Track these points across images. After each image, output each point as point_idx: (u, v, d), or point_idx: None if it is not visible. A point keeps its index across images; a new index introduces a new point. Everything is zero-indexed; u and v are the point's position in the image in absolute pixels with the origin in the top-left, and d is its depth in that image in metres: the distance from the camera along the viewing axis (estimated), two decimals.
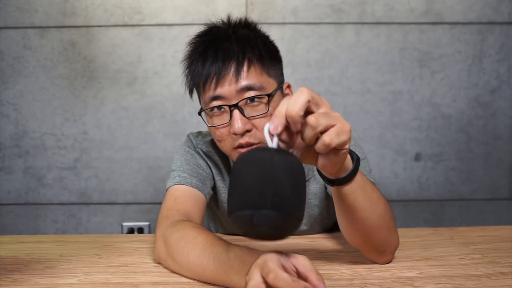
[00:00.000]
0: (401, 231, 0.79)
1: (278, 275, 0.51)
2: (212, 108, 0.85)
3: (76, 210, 1.79)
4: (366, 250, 0.76)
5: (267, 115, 0.84)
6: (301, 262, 0.54)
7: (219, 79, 0.83)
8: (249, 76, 0.83)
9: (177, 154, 1.00)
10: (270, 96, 0.85)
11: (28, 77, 1.74)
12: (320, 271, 0.73)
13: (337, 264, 0.78)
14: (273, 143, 0.51)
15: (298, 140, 0.56)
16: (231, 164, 1.00)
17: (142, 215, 1.79)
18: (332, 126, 0.54)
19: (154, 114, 1.76)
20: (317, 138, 0.54)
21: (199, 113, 0.89)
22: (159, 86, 1.75)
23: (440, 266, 0.76)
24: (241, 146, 0.84)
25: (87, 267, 0.78)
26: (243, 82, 0.83)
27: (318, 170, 0.66)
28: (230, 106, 0.83)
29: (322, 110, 0.54)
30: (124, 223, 1.78)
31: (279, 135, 0.53)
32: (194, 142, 1.01)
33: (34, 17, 1.72)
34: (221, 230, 1.12)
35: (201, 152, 0.99)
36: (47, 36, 1.72)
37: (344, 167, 0.62)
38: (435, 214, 1.79)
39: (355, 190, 0.65)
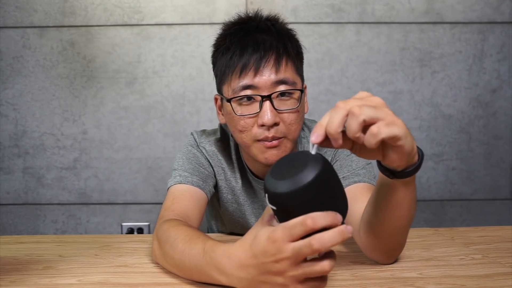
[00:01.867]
0: None
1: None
2: (242, 97, 0.84)
3: (76, 210, 1.78)
4: (378, 251, 0.75)
5: (296, 110, 0.85)
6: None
7: (258, 69, 0.83)
8: (286, 70, 0.85)
9: (179, 153, 1.00)
10: (302, 91, 0.86)
11: (28, 76, 1.74)
12: None
13: (337, 265, 0.77)
14: (313, 150, 0.52)
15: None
16: (235, 163, 1.00)
17: (141, 215, 1.79)
18: (381, 119, 0.52)
19: (153, 114, 1.75)
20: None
21: (228, 101, 0.86)
22: (158, 86, 1.74)
23: (441, 267, 0.75)
24: (266, 139, 0.84)
25: (87, 267, 0.78)
26: (280, 75, 0.84)
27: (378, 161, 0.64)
28: (262, 97, 0.83)
29: (366, 100, 0.54)
30: (124, 223, 1.78)
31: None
32: (197, 140, 1.00)
33: (33, 17, 1.71)
34: (223, 229, 1.12)
35: (203, 151, 0.99)
36: (46, 36, 1.72)
37: (410, 160, 0.60)
38: (436, 214, 1.79)
39: (410, 186, 0.64)
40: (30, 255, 0.85)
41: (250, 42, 0.84)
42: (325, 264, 0.51)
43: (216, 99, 0.94)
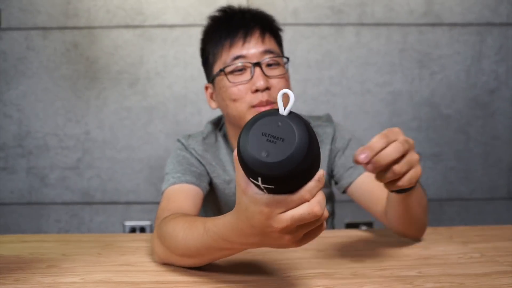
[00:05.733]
0: None
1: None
2: (235, 67, 0.92)
3: (79, 209, 1.80)
4: (408, 232, 0.87)
5: (285, 77, 0.94)
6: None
7: (245, 40, 0.92)
8: (271, 42, 0.95)
9: (169, 158, 1.02)
10: (288, 59, 0.96)
11: (31, 78, 1.75)
12: (320, 270, 0.74)
13: (337, 263, 0.78)
14: (286, 111, 0.48)
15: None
16: (228, 157, 1.03)
17: (144, 214, 1.80)
18: (409, 169, 0.64)
19: (156, 114, 1.76)
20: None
21: (222, 70, 0.93)
22: (160, 86, 1.75)
23: (440, 265, 0.76)
24: (261, 104, 0.90)
25: (90, 266, 0.78)
26: (266, 45, 0.93)
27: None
28: (253, 64, 0.91)
29: (408, 155, 0.63)
30: (126, 223, 1.79)
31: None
32: (185, 144, 1.03)
33: (36, 19, 1.72)
34: None
35: (193, 152, 1.01)
36: (49, 37, 1.73)
37: None
38: (434, 214, 1.80)
39: (412, 200, 0.76)
40: (34, 254, 0.86)
41: (235, 22, 0.94)
42: (315, 209, 0.49)
43: (206, 88, 1.02)
